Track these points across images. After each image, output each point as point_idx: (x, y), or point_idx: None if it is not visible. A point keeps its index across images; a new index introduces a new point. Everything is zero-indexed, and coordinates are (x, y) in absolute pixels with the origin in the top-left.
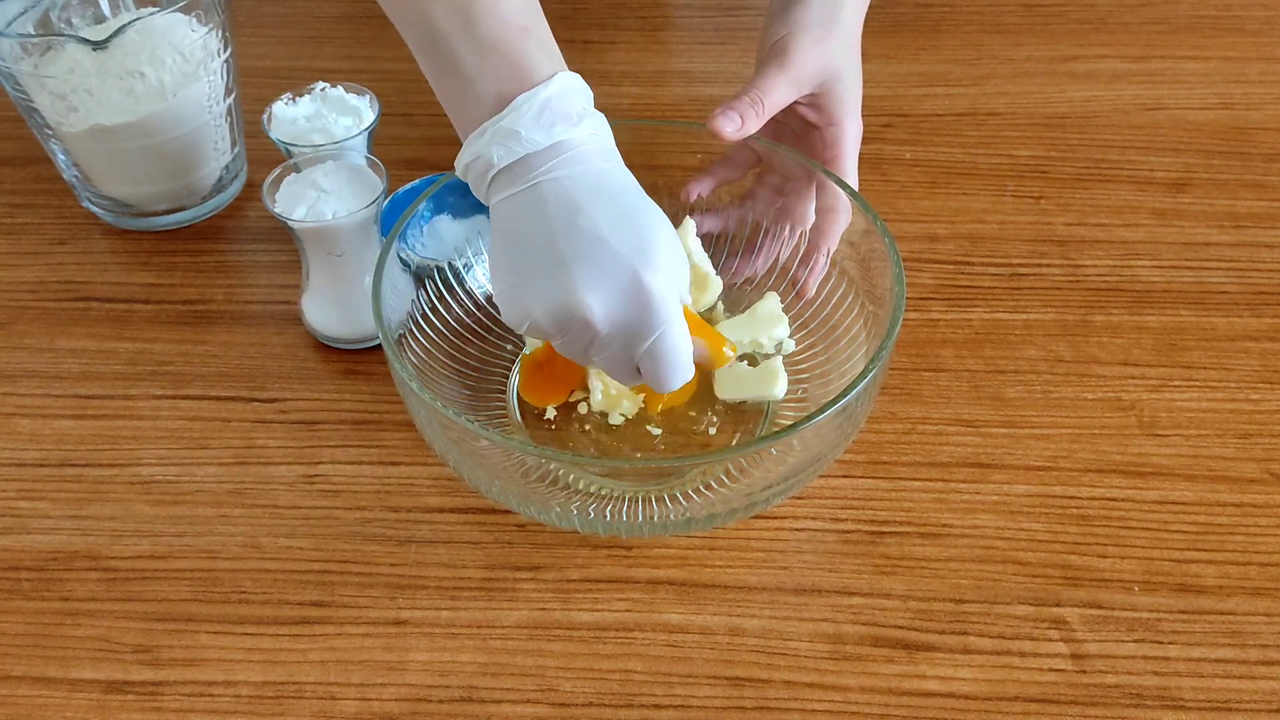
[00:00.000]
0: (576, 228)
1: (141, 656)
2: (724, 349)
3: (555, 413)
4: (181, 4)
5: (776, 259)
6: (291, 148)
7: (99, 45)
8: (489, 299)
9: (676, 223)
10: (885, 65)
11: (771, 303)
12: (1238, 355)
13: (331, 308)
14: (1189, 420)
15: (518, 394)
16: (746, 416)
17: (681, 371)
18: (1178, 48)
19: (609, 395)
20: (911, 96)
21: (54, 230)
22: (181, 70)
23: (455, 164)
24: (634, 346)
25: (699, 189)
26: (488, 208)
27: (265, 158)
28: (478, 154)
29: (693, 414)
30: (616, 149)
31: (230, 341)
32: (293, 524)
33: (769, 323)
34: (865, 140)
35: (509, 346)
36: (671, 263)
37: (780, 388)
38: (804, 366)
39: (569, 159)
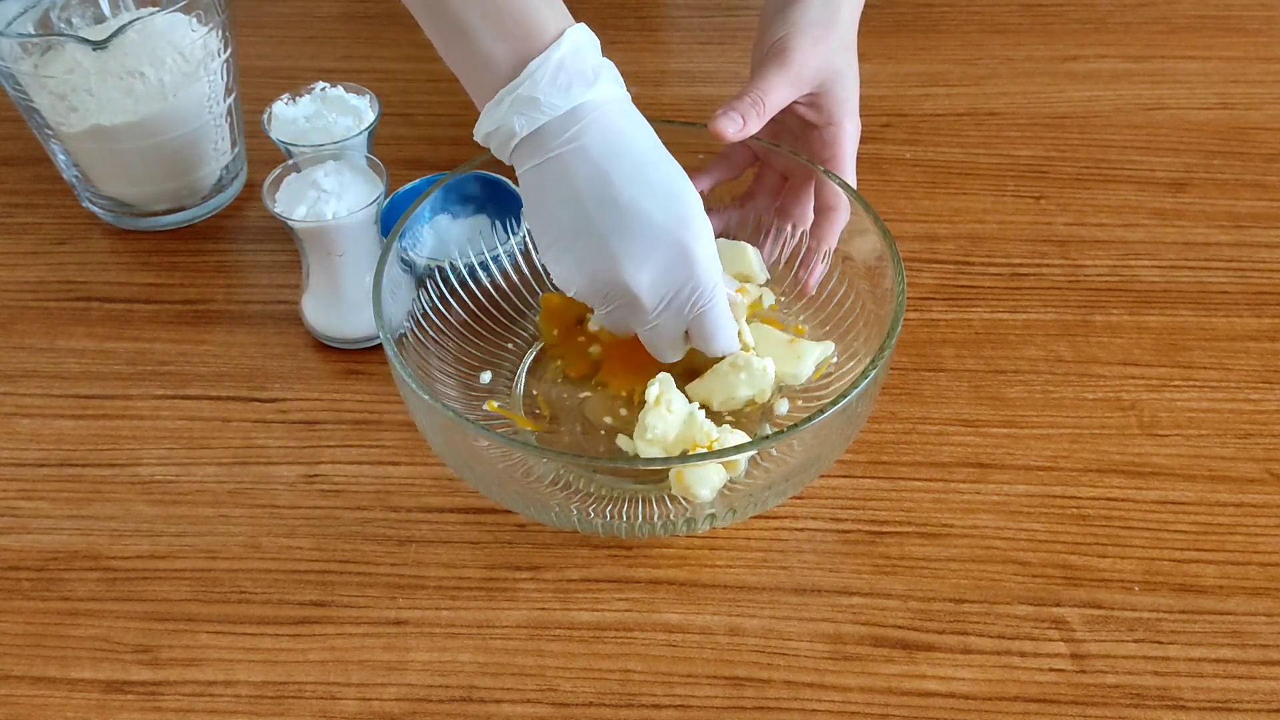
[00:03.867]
0: (609, 199)
1: (141, 656)
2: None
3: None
4: (181, 4)
5: (777, 259)
6: (291, 148)
7: (99, 45)
8: (489, 299)
9: None
10: (885, 65)
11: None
12: (1238, 355)
13: (331, 308)
14: (1189, 420)
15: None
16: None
17: (731, 331)
18: (1178, 48)
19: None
20: (911, 96)
21: (54, 230)
22: (181, 70)
23: (475, 132)
24: (683, 315)
25: (699, 186)
26: (490, 206)
27: (265, 158)
28: (498, 124)
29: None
30: (630, 99)
31: (230, 341)
32: (293, 524)
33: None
34: (865, 140)
35: (510, 346)
36: (707, 223)
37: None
38: None
39: (590, 123)
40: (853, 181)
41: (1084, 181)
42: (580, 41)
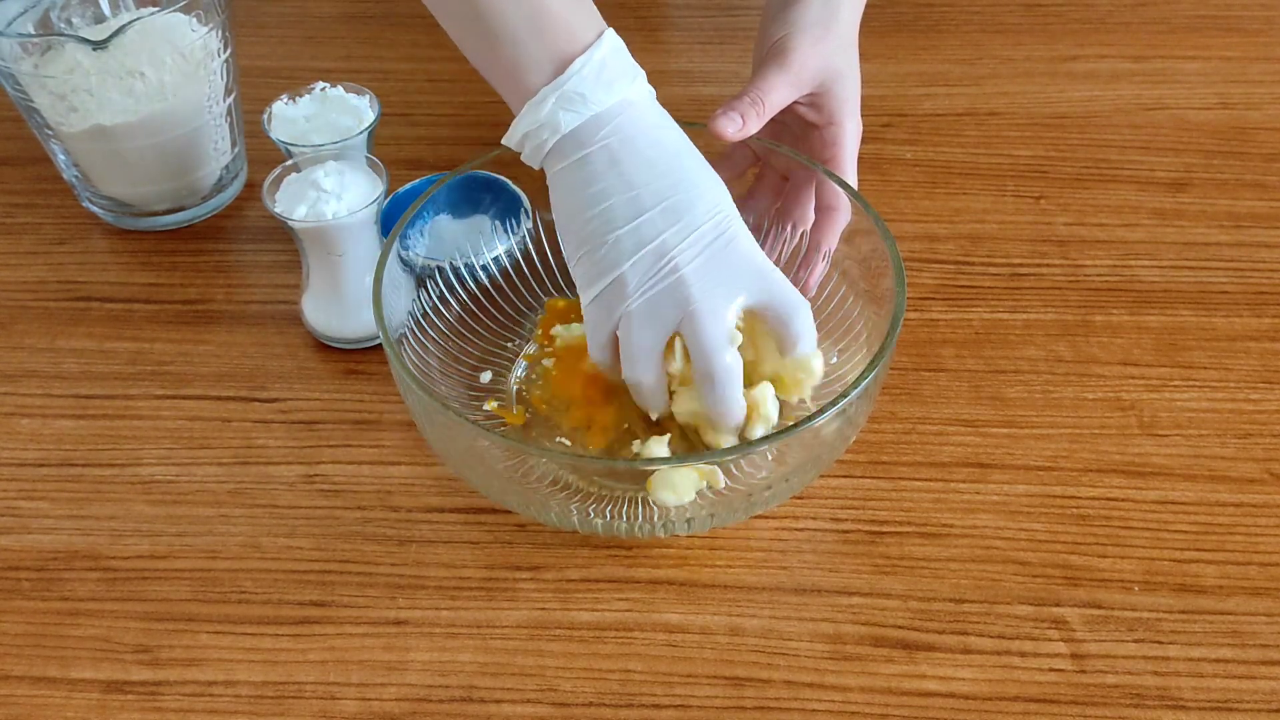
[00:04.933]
0: (658, 179)
1: (141, 656)
2: None
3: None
4: (181, 4)
5: (777, 259)
6: (291, 148)
7: (99, 45)
8: (489, 299)
9: None
10: (885, 65)
11: None
12: (1238, 355)
13: (331, 308)
14: (1189, 420)
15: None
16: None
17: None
18: (1178, 48)
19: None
20: (911, 96)
21: (54, 230)
22: (181, 70)
23: (508, 134)
24: (731, 298)
25: None
26: (490, 206)
27: (265, 158)
28: (540, 121)
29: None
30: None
31: (230, 341)
32: (293, 524)
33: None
34: (865, 140)
35: (509, 345)
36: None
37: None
38: None
39: (632, 117)
40: (853, 181)
41: (1084, 181)
42: (617, 43)
